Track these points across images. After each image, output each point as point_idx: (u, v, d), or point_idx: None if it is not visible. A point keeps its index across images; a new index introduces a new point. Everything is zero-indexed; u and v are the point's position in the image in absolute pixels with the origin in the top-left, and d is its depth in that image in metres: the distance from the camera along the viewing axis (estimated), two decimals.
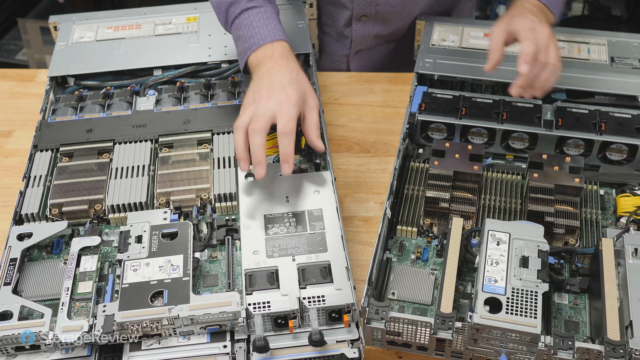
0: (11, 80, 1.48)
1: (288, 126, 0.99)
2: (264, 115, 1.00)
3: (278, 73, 1.05)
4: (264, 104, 1.01)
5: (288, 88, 1.02)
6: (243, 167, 1.01)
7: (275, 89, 1.02)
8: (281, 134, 0.99)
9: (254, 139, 0.99)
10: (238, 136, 1.01)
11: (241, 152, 1.00)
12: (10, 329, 0.87)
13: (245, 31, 1.12)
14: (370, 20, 1.41)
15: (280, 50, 1.09)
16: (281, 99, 1.01)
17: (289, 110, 1.00)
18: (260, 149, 0.99)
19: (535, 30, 1.05)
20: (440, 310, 0.86)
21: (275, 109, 1.00)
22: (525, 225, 0.94)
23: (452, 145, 1.09)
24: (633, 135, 1.11)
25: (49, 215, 1.04)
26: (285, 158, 0.99)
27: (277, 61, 1.07)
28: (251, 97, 1.04)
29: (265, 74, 1.06)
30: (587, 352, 0.83)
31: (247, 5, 1.13)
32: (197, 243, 1.00)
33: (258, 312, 0.87)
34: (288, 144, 0.99)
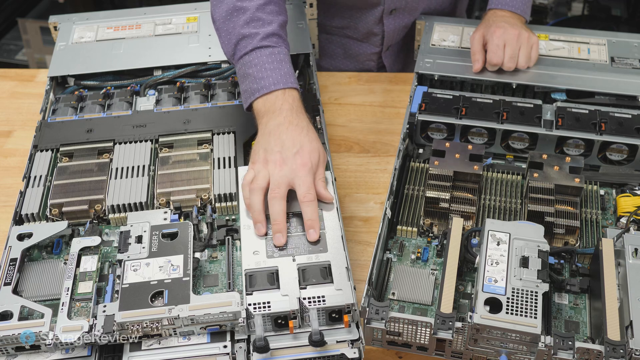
0: (11, 80, 1.48)
1: (310, 194, 0.97)
2: (282, 183, 0.97)
3: (289, 132, 1.01)
4: (279, 171, 0.98)
5: (302, 153, 0.99)
6: (261, 231, 0.96)
7: (288, 153, 0.99)
8: (304, 203, 0.97)
9: (274, 206, 0.96)
10: (256, 198, 0.97)
11: (260, 215, 0.97)
12: (10, 329, 0.87)
13: (255, 71, 1.06)
14: (400, 12, 1.41)
15: (291, 102, 1.04)
16: (296, 166, 0.98)
17: (306, 177, 0.98)
18: (282, 216, 0.96)
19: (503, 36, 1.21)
20: (441, 310, 0.86)
21: (292, 176, 0.98)
22: (525, 225, 0.94)
23: (452, 145, 1.09)
24: (633, 135, 1.11)
25: (49, 215, 1.04)
26: (311, 225, 0.96)
27: (287, 116, 1.03)
28: (262, 156, 1.00)
29: (275, 131, 1.01)
30: (587, 352, 0.83)
31: (260, 44, 1.07)
32: (197, 243, 1.00)
33: (258, 312, 0.87)
34: (312, 211, 0.96)
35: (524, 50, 1.21)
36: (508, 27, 1.22)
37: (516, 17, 1.28)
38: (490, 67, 1.23)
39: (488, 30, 1.23)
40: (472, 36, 1.26)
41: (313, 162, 1.00)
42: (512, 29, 1.22)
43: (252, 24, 1.08)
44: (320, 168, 1.02)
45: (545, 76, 1.23)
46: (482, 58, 1.23)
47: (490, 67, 1.23)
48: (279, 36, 1.10)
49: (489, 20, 1.26)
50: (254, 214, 0.97)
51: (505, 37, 1.21)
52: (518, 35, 1.21)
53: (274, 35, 1.09)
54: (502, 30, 1.22)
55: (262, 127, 1.03)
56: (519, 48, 1.21)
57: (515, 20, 1.27)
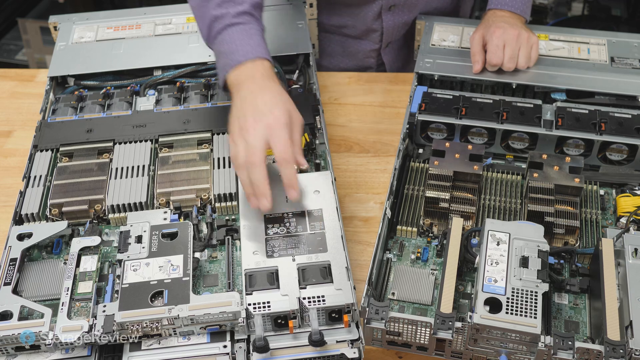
0: (11, 80, 1.48)
1: (287, 153, 0.95)
2: (258, 145, 0.95)
3: (261, 97, 1.00)
4: (253, 135, 0.96)
5: (275, 110, 0.97)
6: (254, 203, 0.96)
7: (261, 113, 0.97)
8: (281, 162, 0.95)
9: (253, 174, 0.94)
10: (242, 174, 0.96)
11: (249, 188, 0.96)
12: (10, 329, 0.87)
13: (227, 47, 1.06)
14: (399, 8, 1.41)
15: (262, 70, 1.04)
16: (270, 122, 0.96)
17: (281, 133, 0.96)
18: (263, 182, 0.94)
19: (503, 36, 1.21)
20: (440, 310, 0.86)
21: (266, 135, 0.95)
22: (525, 225, 0.94)
23: (452, 145, 1.09)
24: (633, 135, 1.11)
25: (49, 215, 1.04)
26: (290, 184, 0.95)
27: (258, 82, 1.02)
28: (237, 126, 0.99)
29: (248, 97, 1.00)
30: (587, 352, 0.83)
31: (232, 21, 1.07)
32: (197, 243, 1.00)
33: (258, 312, 0.87)
34: (291, 170, 0.95)
35: (523, 51, 1.21)
36: (508, 27, 1.22)
37: (516, 17, 1.28)
38: (490, 68, 1.23)
39: (488, 31, 1.23)
40: (471, 37, 1.26)
41: (287, 118, 0.97)
42: (511, 29, 1.22)
43: (224, 5, 1.08)
44: (296, 131, 0.99)
45: (545, 76, 1.23)
46: (482, 59, 1.23)
47: (490, 68, 1.23)
48: (251, 15, 1.09)
49: (489, 21, 1.26)
50: (244, 189, 0.96)
51: (504, 37, 1.21)
52: (518, 36, 1.21)
53: (245, 14, 1.09)
54: (502, 30, 1.22)
55: (236, 98, 1.02)
56: (519, 48, 1.21)
57: (515, 20, 1.27)
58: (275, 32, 1.35)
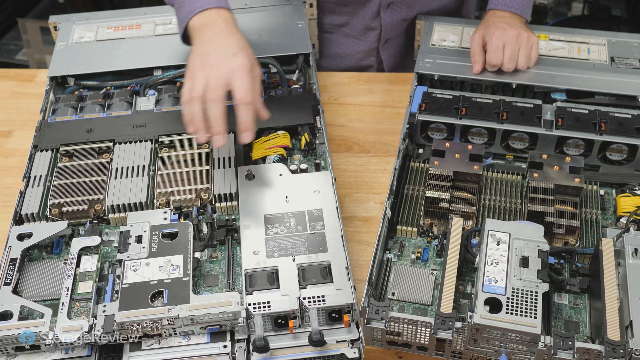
0: (11, 80, 1.48)
1: (248, 95, 0.95)
2: (219, 84, 0.96)
3: (226, 39, 1.01)
4: (215, 71, 0.96)
5: (240, 54, 0.98)
6: (202, 138, 0.96)
7: (224, 55, 0.98)
8: (241, 104, 0.95)
9: (213, 109, 0.95)
10: (195, 106, 0.96)
11: (200, 123, 0.96)
12: (10, 329, 0.87)
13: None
14: (398, 5, 1.41)
15: (225, 18, 1.05)
16: (234, 65, 0.97)
17: (245, 78, 0.96)
18: (221, 118, 0.95)
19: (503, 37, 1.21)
20: (440, 310, 0.86)
21: (229, 76, 0.96)
22: (525, 225, 0.94)
23: (452, 145, 1.09)
24: (633, 135, 1.11)
25: (49, 215, 1.04)
26: (246, 127, 0.96)
27: (222, 27, 1.03)
28: (198, 63, 0.99)
29: (211, 39, 1.01)
30: (587, 352, 0.83)
31: None
32: (197, 243, 1.00)
33: (258, 312, 0.87)
34: (249, 113, 0.95)
35: (523, 51, 1.21)
36: (507, 27, 1.22)
37: (516, 17, 1.28)
38: (490, 68, 1.23)
39: (487, 31, 1.23)
40: (471, 37, 1.26)
41: (251, 67, 0.98)
42: (511, 29, 1.22)
43: None
44: (257, 81, 1.00)
45: (545, 76, 1.23)
46: (482, 59, 1.23)
47: (490, 68, 1.23)
48: None
49: (489, 21, 1.26)
50: (193, 122, 0.96)
51: (504, 37, 1.21)
52: (517, 36, 1.21)
53: None
54: (502, 31, 1.21)
55: (198, 39, 1.04)
56: (519, 48, 1.21)
57: (515, 20, 1.27)
58: (275, 32, 1.35)
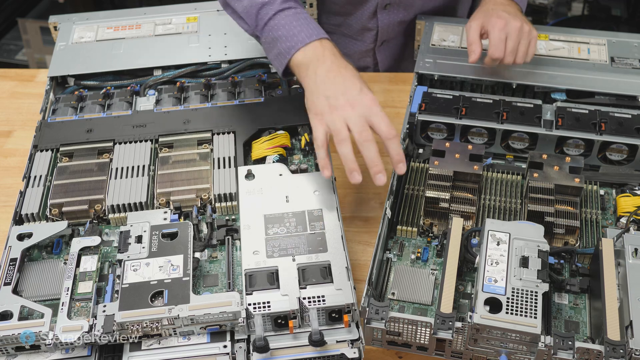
0: (11, 80, 1.48)
1: (392, 130, 0.98)
2: (364, 124, 0.98)
3: (342, 76, 1.01)
4: (352, 112, 0.99)
5: (364, 90, 1.00)
6: (358, 178, 0.98)
7: (352, 94, 1.00)
8: (388, 139, 0.98)
9: (368, 150, 0.97)
10: (346, 149, 0.98)
11: (355, 164, 0.98)
12: (10, 329, 0.87)
13: (285, 31, 1.07)
14: (394, 7, 1.41)
15: (330, 50, 1.05)
16: (366, 103, 0.99)
17: (381, 113, 0.99)
18: (378, 157, 0.98)
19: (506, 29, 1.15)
20: (440, 310, 0.86)
21: (367, 115, 0.98)
22: (525, 225, 0.94)
23: (452, 145, 1.09)
24: (633, 135, 1.11)
25: (49, 215, 1.04)
26: (399, 158, 0.99)
27: (334, 61, 1.03)
28: (326, 105, 1.00)
29: (328, 76, 1.02)
30: (587, 352, 0.83)
31: (282, 7, 1.09)
32: (197, 243, 1.00)
33: (258, 312, 0.87)
34: (398, 145, 0.99)
35: (523, 46, 1.16)
36: (510, 18, 1.16)
37: (514, 5, 1.24)
38: (490, 62, 1.17)
39: (489, 21, 1.17)
40: (468, 25, 1.19)
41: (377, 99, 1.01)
42: (514, 20, 1.16)
43: None
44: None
45: (545, 76, 1.23)
46: (479, 49, 1.17)
47: (490, 62, 1.17)
48: (295, 1, 1.12)
49: (488, 9, 1.20)
50: (347, 164, 0.98)
51: (507, 29, 1.15)
52: (520, 28, 1.15)
53: (289, 0, 1.11)
54: (504, 21, 1.15)
55: (311, 76, 1.03)
56: (519, 42, 1.16)
57: (514, 9, 1.21)
58: None
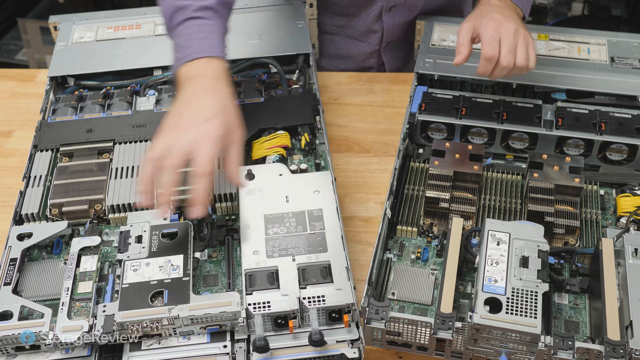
0: (11, 80, 1.48)
1: (206, 167, 0.90)
2: (180, 150, 0.91)
3: (205, 98, 0.96)
4: (182, 136, 0.92)
5: (213, 120, 0.94)
6: (145, 202, 0.92)
7: (197, 120, 0.94)
8: (197, 175, 0.90)
9: (163, 176, 0.90)
10: (148, 169, 0.91)
11: (145, 186, 0.91)
12: (10, 329, 0.87)
13: (183, 40, 1.04)
14: (399, 9, 1.41)
15: (214, 71, 1.00)
16: (202, 133, 0.92)
17: (209, 147, 0.91)
18: (168, 188, 0.90)
19: (499, 30, 1.07)
20: (440, 310, 0.86)
21: (193, 145, 0.91)
22: (525, 225, 0.94)
23: (452, 145, 1.09)
24: (633, 135, 1.11)
25: (49, 215, 1.04)
26: (200, 200, 0.90)
27: (207, 83, 0.99)
28: (172, 122, 0.95)
29: (191, 97, 0.97)
30: (587, 352, 0.83)
31: (192, 15, 1.05)
32: (197, 243, 1.00)
33: (258, 312, 0.87)
34: (204, 185, 0.90)
35: (521, 48, 1.07)
36: (503, 20, 1.08)
37: (513, 8, 1.15)
38: (485, 63, 1.07)
39: (480, 23, 1.09)
40: (460, 27, 1.11)
41: (224, 134, 0.94)
42: (507, 23, 1.07)
43: None
44: (234, 147, 0.96)
45: (545, 76, 1.22)
46: (467, 52, 1.09)
47: (485, 63, 1.07)
48: (215, 11, 1.07)
49: (482, 11, 1.12)
50: (140, 183, 0.92)
51: (500, 31, 1.06)
52: (515, 31, 1.07)
53: (208, 9, 1.06)
54: (496, 24, 1.07)
55: (181, 93, 0.99)
56: (516, 44, 1.06)
57: (512, 13, 1.12)
58: (275, 32, 1.35)
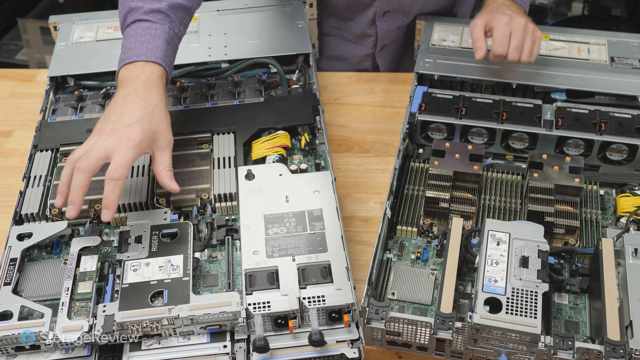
0: (11, 80, 1.48)
1: (117, 172, 0.92)
2: (97, 154, 0.93)
3: (132, 104, 0.97)
4: (102, 140, 0.94)
5: (134, 126, 0.95)
6: (58, 203, 0.95)
7: (120, 125, 0.95)
8: (107, 179, 0.92)
9: (76, 177, 0.93)
10: (66, 169, 0.95)
11: (61, 187, 0.94)
12: (10, 329, 0.87)
13: (128, 42, 1.05)
14: (393, 14, 1.41)
15: (147, 76, 1.01)
16: (122, 138, 0.94)
17: (124, 153, 0.93)
18: (78, 189, 0.92)
19: (510, 25, 1.15)
20: (440, 310, 0.86)
21: (111, 148, 0.93)
22: (525, 225, 0.94)
23: (452, 145, 1.09)
24: (633, 135, 1.11)
25: (49, 215, 1.04)
26: (106, 204, 0.93)
27: (136, 88, 0.99)
28: (98, 127, 0.97)
29: (121, 101, 0.98)
30: (587, 352, 0.83)
31: (141, 17, 1.06)
32: (197, 243, 1.00)
33: (258, 312, 0.87)
34: (112, 190, 0.92)
35: (527, 44, 1.15)
36: (514, 15, 1.16)
37: (517, 6, 1.25)
38: (494, 58, 1.17)
39: (493, 17, 1.17)
40: (472, 23, 1.19)
41: (145, 140, 0.96)
42: (518, 17, 1.16)
43: None
44: (162, 153, 0.98)
45: (545, 76, 1.23)
46: (485, 46, 1.16)
47: (494, 58, 1.17)
48: (165, 15, 1.07)
49: (492, 8, 1.21)
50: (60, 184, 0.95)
51: (512, 25, 1.15)
52: (525, 26, 1.15)
53: (158, 12, 1.07)
54: (509, 17, 1.15)
55: (116, 95, 1.01)
56: (524, 40, 1.15)
57: (518, 9, 1.22)
58: (275, 32, 1.35)
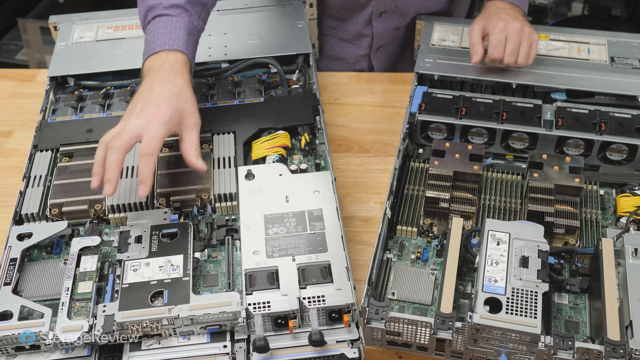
0: (11, 80, 1.48)
1: (149, 147, 0.95)
2: (129, 133, 0.96)
3: (159, 87, 1.01)
4: (133, 120, 0.97)
5: (162, 105, 0.99)
6: (94, 184, 0.97)
7: (149, 105, 0.99)
8: (141, 154, 0.95)
9: (110, 155, 0.95)
10: (99, 151, 0.98)
11: (96, 168, 0.97)
12: (10, 329, 0.87)
13: (150, 36, 1.09)
14: (390, 14, 1.41)
15: (172, 62, 1.05)
16: (151, 116, 0.97)
17: (155, 129, 0.96)
18: (113, 166, 0.95)
19: (505, 30, 1.18)
20: (440, 310, 0.86)
21: (142, 127, 0.97)
22: (525, 225, 0.94)
23: (452, 145, 1.09)
24: (633, 135, 1.11)
25: (49, 215, 1.04)
26: (141, 179, 0.95)
27: (163, 74, 1.03)
28: (127, 112, 1.00)
29: (148, 86, 1.02)
30: (587, 352, 0.83)
31: (160, 12, 1.10)
32: (197, 243, 1.00)
33: (258, 312, 0.87)
34: (146, 165, 0.95)
35: (524, 47, 1.18)
36: (510, 20, 1.19)
37: (516, 9, 1.26)
38: (490, 63, 1.21)
39: (490, 22, 1.20)
40: (470, 27, 1.23)
41: (173, 117, 0.99)
42: (514, 22, 1.18)
43: None
44: (190, 132, 1.01)
45: (545, 76, 1.23)
46: (482, 50, 1.20)
47: (490, 63, 1.21)
48: (183, 9, 1.11)
49: (490, 12, 1.23)
50: (95, 165, 0.97)
51: (507, 30, 1.17)
52: (520, 29, 1.18)
53: (177, 7, 1.10)
54: (504, 22, 1.18)
55: (143, 83, 1.04)
56: (520, 43, 1.18)
57: (516, 12, 1.24)
58: (275, 32, 1.35)
